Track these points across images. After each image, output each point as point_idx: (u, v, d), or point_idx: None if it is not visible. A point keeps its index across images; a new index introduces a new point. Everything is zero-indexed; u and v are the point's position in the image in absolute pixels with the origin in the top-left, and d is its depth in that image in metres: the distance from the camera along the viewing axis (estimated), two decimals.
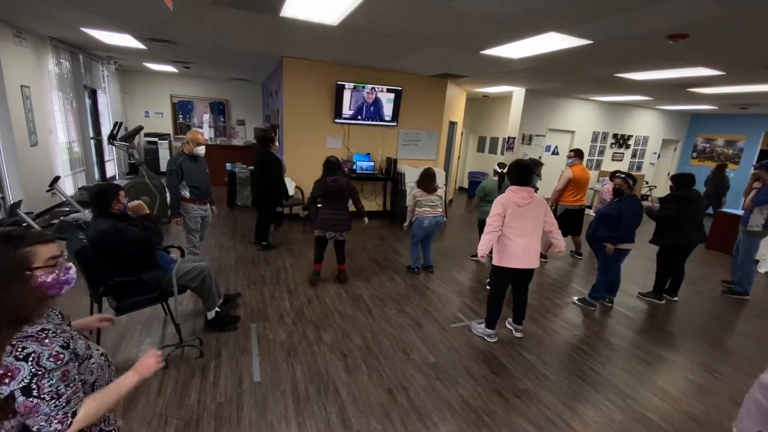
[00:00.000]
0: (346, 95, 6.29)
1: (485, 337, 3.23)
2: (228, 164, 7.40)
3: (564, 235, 5.39)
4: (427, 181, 4.34)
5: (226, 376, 2.55)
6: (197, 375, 2.53)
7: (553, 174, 7.51)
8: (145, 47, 5.81)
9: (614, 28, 3.27)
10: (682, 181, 4.05)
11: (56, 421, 0.94)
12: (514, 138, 8.39)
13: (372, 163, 6.68)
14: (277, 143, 5.17)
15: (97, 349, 1.13)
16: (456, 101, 8.08)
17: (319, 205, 3.98)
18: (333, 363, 2.75)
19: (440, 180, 6.60)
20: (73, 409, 0.97)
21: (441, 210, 4.40)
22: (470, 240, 6.08)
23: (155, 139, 9.41)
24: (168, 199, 3.93)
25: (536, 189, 4.95)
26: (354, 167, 6.53)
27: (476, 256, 5.12)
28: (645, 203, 4.21)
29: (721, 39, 3.34)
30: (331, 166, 3.82)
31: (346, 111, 6.39)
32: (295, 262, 4.63)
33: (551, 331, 3.51)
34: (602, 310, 4.01)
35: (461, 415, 2.34)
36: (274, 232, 5.37)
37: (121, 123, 6.16)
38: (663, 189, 10.13)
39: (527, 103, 8.18)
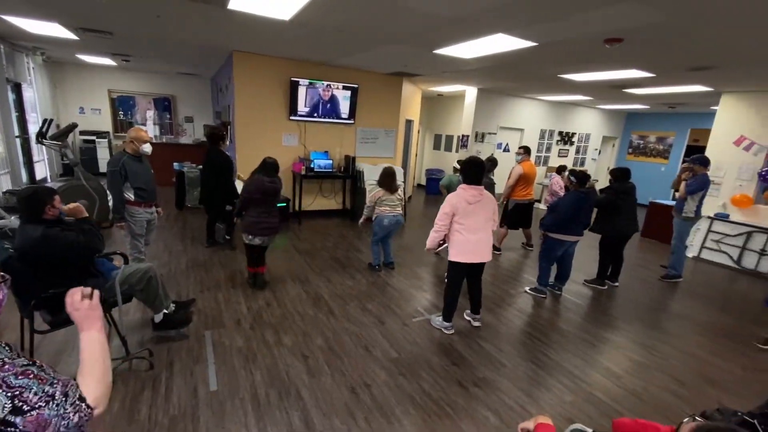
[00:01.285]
0: (301, 92, 6.16)
1: (443, 330, 3.31)
2: (175, 164, 7.00)
3: (515, 228, 5.69)
4: (388, 180, 4.35)
5: (179, 387, 2.41)
6: (147, 388, 2.38)
7: (505, 170, 7.82)
8: (76, 38, 5.33)
9: (556, 32, 3.45)
10: (618, 175, 4.40)
11: (72, 413, 0.89)
12: (468, 136, 8.65)
13: (330, 162, 6.61)
14: (228, 141, 4.94)
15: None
16: (412, 99, 8.18)
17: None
18: (294, 366, 2.70)
19: (399, 178, 6.67)
20: (76, 396, 0.92)
21: (400, 210, 4.44)
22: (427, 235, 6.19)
23: (93, 138, 8.69)
24: (110, 203, 3.65)
25: (494, 184, 5.13)
26: (312, 165, 6.42)
27: (438, 250, 5.30)
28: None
29: (651, 44, 3.64)
30: (270, 167, 3.63)
31: (302, 108, 6.26)
32: None
33: (506, 320, 3.66)
34: (552, 298, 4.25)
35: (423, 408, 2.38)
36: (222, 231, 5.14)
37: (51, 120, 5.61)
38: (603, 183, 10.91)
39: (479, 102, 8.46)
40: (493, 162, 5.15)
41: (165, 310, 2.86)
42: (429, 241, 3.21)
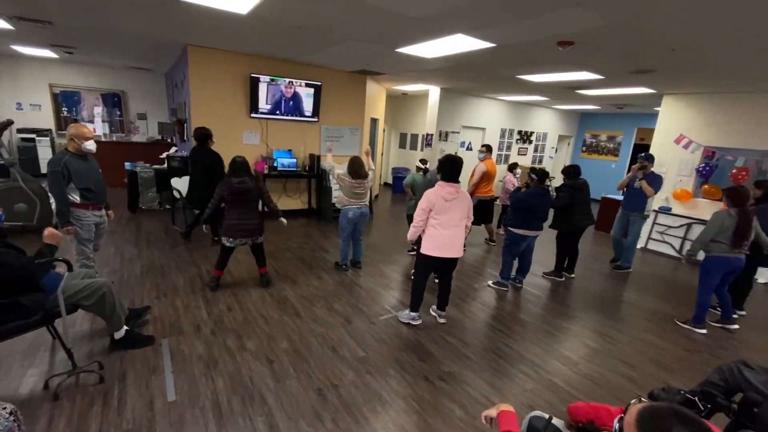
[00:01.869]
0: (262, 89, 6.00)
1: (411, 321, 3.36)
2: (127, 163, 6.60)
3: (478, 223, 5.84)
4: (355, 167, 4.25)
5: (133, 400, 2.28)
6: (97, 403, 2.23)
7: (468, 168, 8.00)
8: (11, 27, 4.89)
9: (512, 34, 3.57)
10: (571, 172, 4.63)
11: None
12: (432, 135, 8.77)
13: (294, 160, 6.48)
14: (213, 139, 4.82)
15: None
16: (377, 98, 8.19)
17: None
18: (258, 371, 2.62)
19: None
20: None
21: (366, 202, 4.42)
22: (398, 235, 6.24)
23: (32, 136, 8.01)
24: (53, 206, 3.38)
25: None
26: (275, 164, 6.28)
27: (412, 250, 5.33)
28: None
29: (599, 47, 3.85)
30: (238, 166, 3.58)
31: (263, 105, 6.10)
32: (212, 269, 4.29)
33: (471, 314, 3.76)
34: (514, 291, 4.41)
35: (391, 405, 2.39)
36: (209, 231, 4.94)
37: None
38: (560, 180, 11.42)
39: (443, 101, 8.60)
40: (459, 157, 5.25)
41: (126, 327, 2.70)
42: (410, 234, 3.27)
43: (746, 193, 3.51)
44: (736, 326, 3.83)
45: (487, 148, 5.70)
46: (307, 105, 6.46)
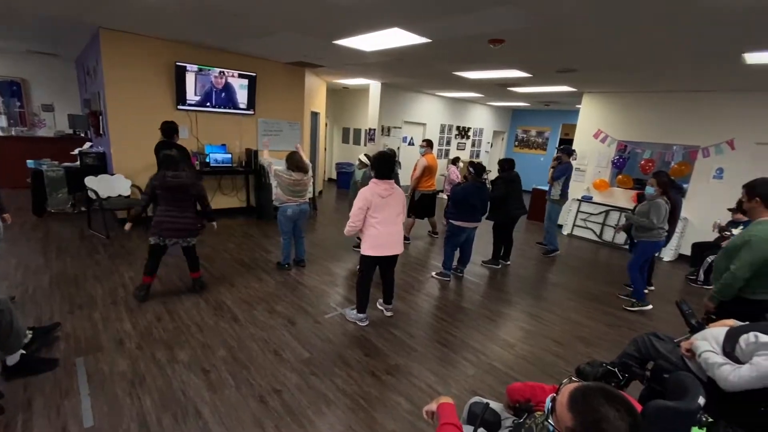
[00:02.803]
0: (190, 79, 5.56)
1: (358, 322, 3.32)
2: (30, 161, 5.78)
3: (421, 217, 5.96)
4: (295, 161, 4.09)
5: (41, 430, 1.99)
6: None
7: (410, 162, 8.14)
8: None
9: (446, 30, 3.65)
10: (505, 165, 4.88)
11: None
12: (374, 129, 8.77)
13: (229, 155, 6.11)
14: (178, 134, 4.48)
15: None
16: (317, 91, 7.99)
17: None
18: (192, 383, 2.43)
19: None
20: None
21: (306, 198, 4.29)
22: (342, 230, 6.14)
23: None
24: None
25: (397, 174, 5.20)
26: (207, 160, 5.87)
27: (358, 246, 5.25)
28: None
29: (526, 46, 4.07)
30: (171, 159, 3.30)
31: (191, 96, 5.66)
32: (136, 276, 3.90)
33: (416, 305, 3.81)
34: (456, 280, 4.56)
35: (337, 405, 2.34)
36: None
37: None
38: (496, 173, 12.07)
39: (384, 96, 8.63)
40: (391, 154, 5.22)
41: (22, 350, 2.35)
42: (346, 231, 3.19)
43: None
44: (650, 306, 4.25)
45: (428, 143, 5.80)
46: (242, 97, 6.11)
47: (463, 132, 11.40)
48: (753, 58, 3.74)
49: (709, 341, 1.94)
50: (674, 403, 1.05)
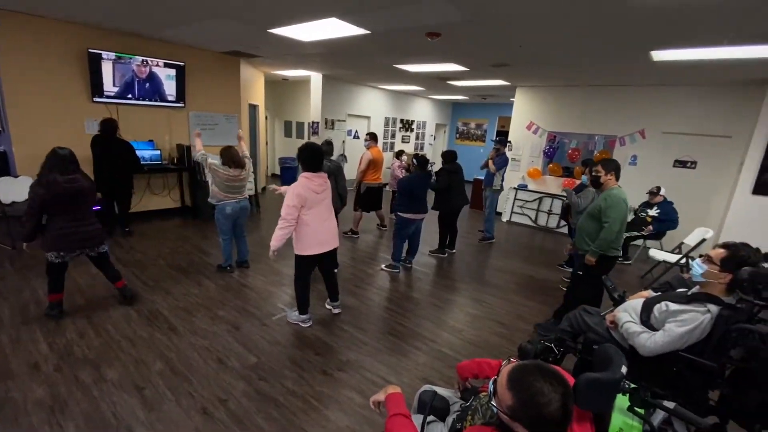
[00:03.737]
0: (107, 68, 5.01)
1: (300, 323, 3.21)
2: None
3: (368, 210, 5.95)
4: (231, 155, 3.84)
5: None
6: None
7: (355, 156, 8.10)
8: None
9: (383, 21, 3.63)
10: (447, 157, 5.03)
11: None
12: (318, 123, 8.59)
13: (158, 152, 5.64)
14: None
15: None
16: (254, 83, 7.62)
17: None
18: (124, 403, 2.22)
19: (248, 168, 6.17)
20: None
21: (246, 194, 4.08)
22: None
23: None
24: None
25: (341, 166, 5.09)
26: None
27: None
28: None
29: (463, 40, 4.18)
30: (62, 160, 2.78)
31: (110, 88, 5.12)
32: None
33: (366, 299, 3.81)
34: (405, 271, 4.63)
35: (288, 408, 2.27)
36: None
37: None
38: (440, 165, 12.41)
39: (326, 89, 8.45)
40: (330, 145, 5.04)
41: None
42: (276, 240, 2.84)
43: None
44: None
45: (372, 136, 5.79)
46: (169, 88, 5.64)
47: (407, 125, 11.55)
48: (659, 55, 4.17)
49: (629, 312, 2.15)
50: (600, 375, 1.14)
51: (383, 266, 4.64)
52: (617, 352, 1.24)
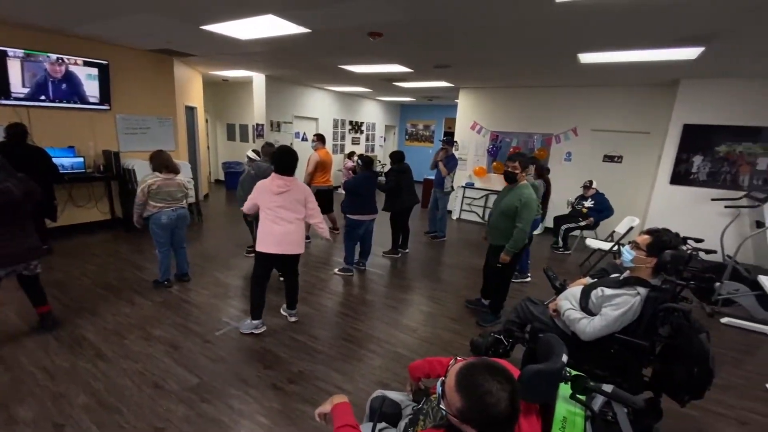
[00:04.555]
0: (14, 66, 4.45)
1: (254, 331, 3.07)
2: None
3: None
4: (163, 160, 3.57)
5: None
6: None
7: (306, 158, 7.89)
8: None
9: (323, 20, 3.53)
10: (395, 157, 5.04)
11: None
12: (262, 125, 8.27)
13: (80, 159, 5.10)
14: None
15: None
16: (191, 84, 7.17)
17: None
18: None
19: (186, 173, 5.79)
20: None
21: (185, 203, 3.79)
22: (235, 235, 5.67)
23: None
24: None
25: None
26: None
27: (251, 251, 4.86)
28: (380, 179, 4.99)
29: (404, 41, 4.19)
30: None
31: (19, 89, 4.54)
32: None
33: (319, 305, 3.70)
34: (359, 274, 4.56)
35: (234, 429, 2.11)
36: None
37: None
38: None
39: (270, 90, 8.16)
40: (271, 146, 4.76)
41: None
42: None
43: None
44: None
45: (319, 138, 5.66)
46: (90, 89, 5.12)
47: (356, 126, 11.50)
48: (585, 58, 4.47)
49: (569, 300, 2.25)
50: (542, 366, 1.16)
51: (336, 270, 4.54)
52: (558, 341, 1.26)
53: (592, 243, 5.14)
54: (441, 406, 1.02)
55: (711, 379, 1.84)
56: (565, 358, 1.16)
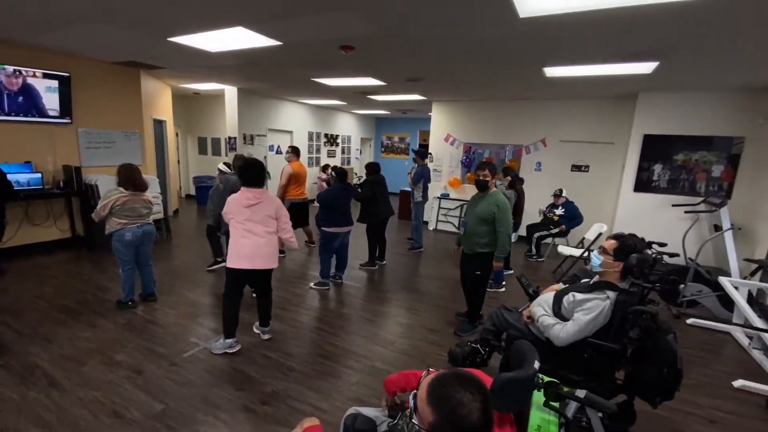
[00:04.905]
0: None
1: (228, 350, 2.94)
2: None
3: (294, 227, 5.69)
4: (129, 175, 3.41)
5: None
6: None
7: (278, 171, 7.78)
8: None
9: (294, 32, 3.51)
10: (370, 169, 5.05)
11: None
12: (235, 138, 8.13)
13: (38, 175, 4.83)
14: None
15: None
16: (159, 97, 6.98)
17: None
18: None
19: (154, 189, 5.59)
20: None
21: (149, 219, 3.63)
22: (205, 252, 5.47)
23: None
24: None
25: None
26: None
27: (212, 267, 4.70)
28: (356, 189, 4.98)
29: (376, 54, 4.24)
30: None
31: None
32: None
33: (294, 321, 3.59)
34: (335, 288, 4.48)
35: None
36: None
37: None
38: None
39: (243, 103, 8.06)
40: (242, 159, 4.69)
41: None
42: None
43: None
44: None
45: (293, 150, 5.61)
46: (50, 102, 4.90)
47: (331, 139, 11.48)
48: (550, 72, 4.65)
49: (543, 306, 2.27)
50: (514, 374, 1.15)
51: (312, 284, 4.45)
52: (530, 347, 1.26)
53: (564, 250, 5.27)
54: (414, 420, 0.98)
55: (680, 380, 1.88)
56: (537, 364, 1.15)
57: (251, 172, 2.91)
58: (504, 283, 4.75)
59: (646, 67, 4.12)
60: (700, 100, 5.28)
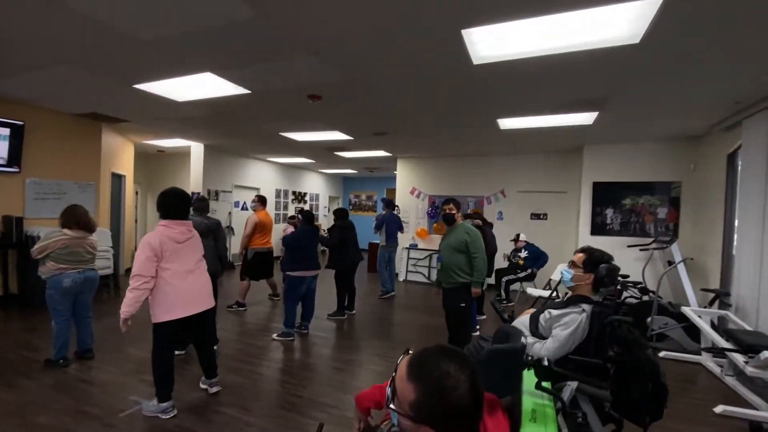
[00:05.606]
0: None
1: (160, 415, 2.50)
2: None
3: (257, 278, 5.40)
4: (72, 217, 3.15)
5: None
6: None
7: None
8: None
9: (262, 80, 3.61)
10: (338, 214, 5.06)
11: None
12: (198, 192, 7.94)
13: None
14: None
15: None
16: (121, 151, 6.83)
17: None
18: None
19: (105, 242, 5.23)
20: None
21: (92, 264, 3.31)
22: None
23: None
24: None
25: (219, 222, 4.51)
26: None
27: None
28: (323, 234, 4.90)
29: (344, 104, 4.43)
30: None
31: None
32: None
33: (254, 374, 3.24)
34: (300, 338, 4.16)
35: None
36: None
37: None
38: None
39: (209, 160, 8.04)
40: (203, 201, 4.45)
41: None
42: (127, 305, 2.33)
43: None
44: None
45: (260, 199, 5.51)
46: None
47: (299, 197, 11.51)
48: (504, 123, 5.04)
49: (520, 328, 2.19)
50: (502, 345, 1.06)
51: (275, 335, 4.11)
52: (515, 329, 1.18)
53: (533, 292, 5.30)
54: (391, 406, 0.85)
55: (666, 395, 1.80)
56: (524, 339, 1.07)
57: (175, 203, 2.56)
58: (478, 327, 4.63)
59: (588, 117, 4.57)
60: (638, 148, 5.85)
